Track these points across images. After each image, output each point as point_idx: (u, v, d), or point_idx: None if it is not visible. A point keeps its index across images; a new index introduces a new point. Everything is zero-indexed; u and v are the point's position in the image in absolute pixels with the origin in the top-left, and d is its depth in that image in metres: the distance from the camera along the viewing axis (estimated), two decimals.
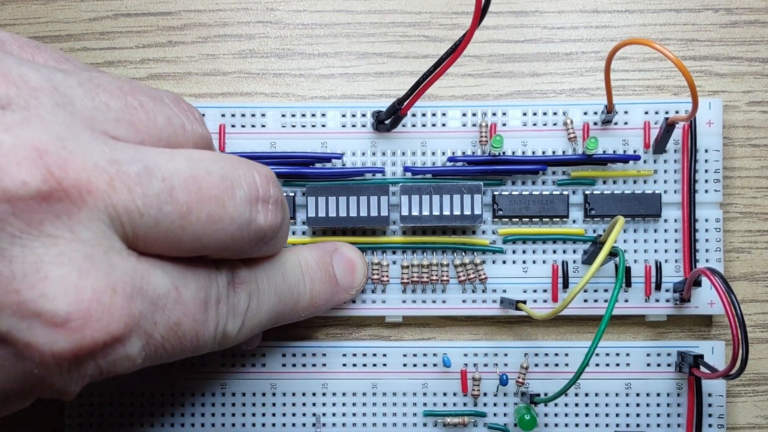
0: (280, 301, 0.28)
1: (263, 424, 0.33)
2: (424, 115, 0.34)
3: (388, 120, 0.33)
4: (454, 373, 0.33)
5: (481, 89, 0.35)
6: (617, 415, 0.33)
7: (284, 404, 0.33)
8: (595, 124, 0.33)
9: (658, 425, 0.33)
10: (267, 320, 0.28)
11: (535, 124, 0.33)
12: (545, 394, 0.33)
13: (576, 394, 0.33)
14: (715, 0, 0.35)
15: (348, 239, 0.33)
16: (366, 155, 0.34)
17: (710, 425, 0.33)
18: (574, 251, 0.33)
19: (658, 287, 0.33)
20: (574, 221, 0.33)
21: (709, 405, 0.33)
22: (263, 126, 0.34)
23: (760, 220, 0.34)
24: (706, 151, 0.33)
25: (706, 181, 0.33)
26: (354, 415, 0.33)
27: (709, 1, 0.35)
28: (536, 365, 0.33)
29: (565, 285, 0.33)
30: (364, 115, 0.34)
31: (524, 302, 0.32)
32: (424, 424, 0.33)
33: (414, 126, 0.34)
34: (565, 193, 0.33)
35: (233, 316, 0.26)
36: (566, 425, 0.33)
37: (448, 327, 0.34)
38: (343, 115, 0.34)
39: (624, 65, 0.34)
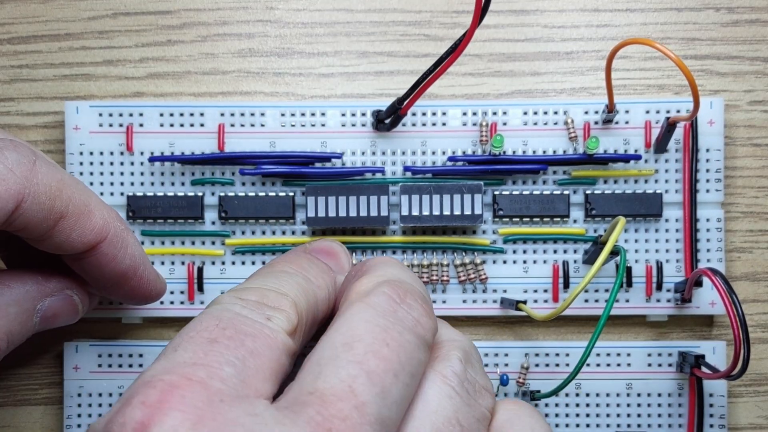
0: None
1: None
2: (424, 114, 0.33)
3: (388, 119, 0.32)
4: None
5: (482, 88, 0.35)
6: (618, 415, 0.33)
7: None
8: (596, 123, 0.33)
9: (659, 426, 0.33)
10: None
11: (535, 124, 0.33)
12: None
13: (577, 394, 0.33)
14: None
15: (348, 239, 0.33)
16: (366, 155, 0.33)
17: (711, 426, 0.33)
18: (575, 251, 0.33)
19: (659, 287, 0.33)
20: (575, 221, 0.33)
21: (711, 405, 0.33)
22: (263, 125, 0.33)
23: (762, 219, 0.34)
24: (707, 150, 0.33)
25: (708, 180, 0.33)
26: None
27: (710, 0, 0.35)
28: (537, 365, 0.33)
29: (566, 285, 0.33)
30: (363, 115, 0.33)
31: (525, 302, 0.32)
32: None
33: (414, 125, 0.33)
34: (565, 192, 0.33)
35: None
36: (567, 425, 0.33)
37: None
38: (343, 115, 0.33)
39: (625, 64, 0.34)
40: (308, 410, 0.20)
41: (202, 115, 0.33)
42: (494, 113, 0.33)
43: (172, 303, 0.33)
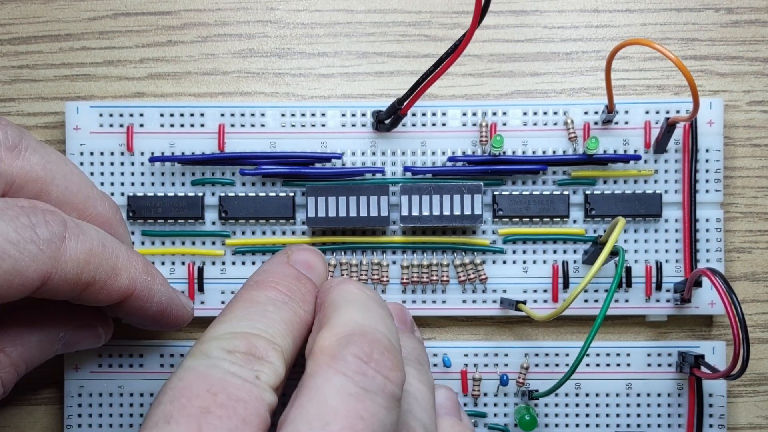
0: None
1: None
2: (424, 114, 0.33)
3: (388, 120, 0.32)
4: (454, 373, 0.33)
5: (482, 89, 0.35)
6: (618, 415, 0.33)
7: (284, 404, 0.33)
8: (596, 123, 0.33)
9: (659, 425, 0.33)
10: None
11: (535, 124, 0.33)
12: None
13: (576, 394, 0.33)
14: None
15: (348, 239, 0.33)
16: (366, 155, 0.33)
17: (711, 425, 0.33)
18: (575, 251, 0.33)
19: (658, 287, 0.33)
20: (574, 221, 0.33)
21: (710, 405, 0.33)
22: (263, 126, 0.34)
23: (761, 219, 0.34)
24: (706, 150, 0.33)
25: (707, 180, 0.33)
26: None
27: (709, 0, 0.34)
28: (536, 365, 0.33)
29: (566, 285, 0.33)
30: (364, 115, 0.33)
31: (524, 302, 0.32)
32: None
33: (414, 126, 0.33)
34: (565, 193, 0.33)
35: None
36: (566, 425, 0.33)
37: (448, 327, 0.34)
38: (343, 115, 0.33)
39: (624, 65, 0.34)
40: None
41: (202, 115, 0.33)
42: (494, 113, 0.33)
43: None
